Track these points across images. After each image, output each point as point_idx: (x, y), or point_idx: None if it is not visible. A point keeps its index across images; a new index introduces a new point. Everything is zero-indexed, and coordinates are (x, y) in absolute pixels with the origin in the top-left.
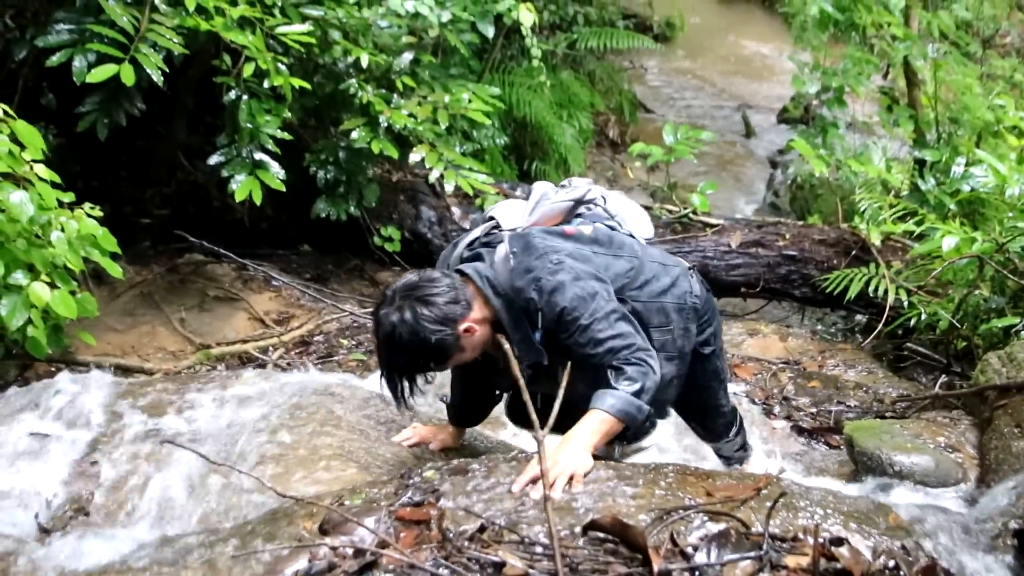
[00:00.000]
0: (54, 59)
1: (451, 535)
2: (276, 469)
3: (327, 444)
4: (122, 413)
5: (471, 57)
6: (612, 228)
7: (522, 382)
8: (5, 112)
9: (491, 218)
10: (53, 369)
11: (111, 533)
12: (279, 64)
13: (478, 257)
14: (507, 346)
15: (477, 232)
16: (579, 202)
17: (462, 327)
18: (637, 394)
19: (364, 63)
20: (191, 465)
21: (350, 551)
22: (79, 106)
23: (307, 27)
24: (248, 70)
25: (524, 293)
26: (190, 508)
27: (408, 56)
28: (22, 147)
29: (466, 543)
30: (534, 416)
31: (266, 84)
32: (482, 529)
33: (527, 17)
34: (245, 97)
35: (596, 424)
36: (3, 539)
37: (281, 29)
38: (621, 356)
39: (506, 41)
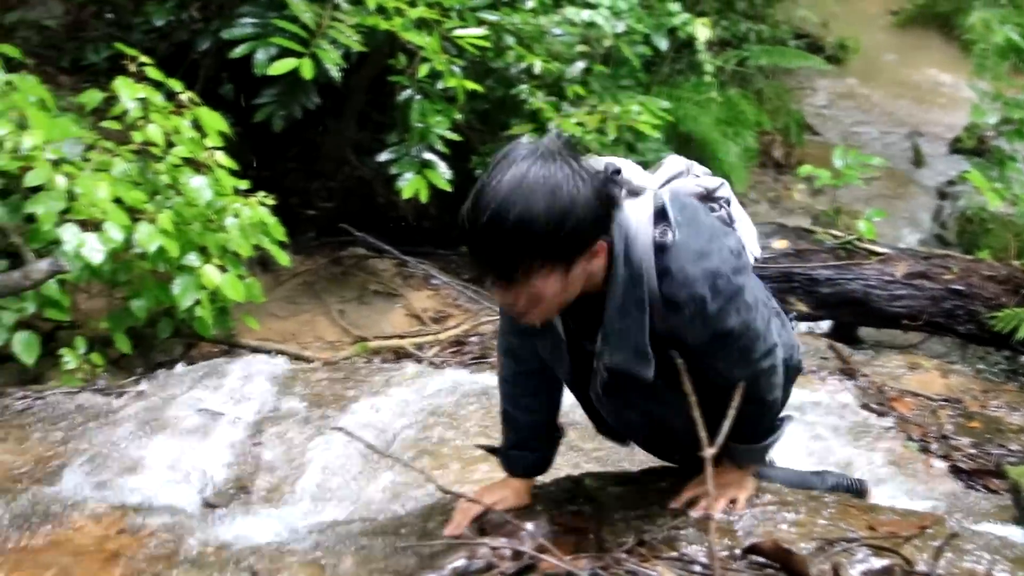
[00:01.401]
0: (238, 51)
1: (609, 546)
2: (432, 464)
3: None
4: (285, 398)
5: (640, 69)
6: None
7: (693, 397)
8: (191, 99)
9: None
10: (216, 350)
11: (271, 513)
12: (453, 66)
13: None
14: (680, 361)
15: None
16: (707, 196)
17: (598, 243)
18: (767, 433)
19: (537, 69)
20: (350, 454)
21: (508, 552)
22: (256, 97)
23: (483, 31)
24: (423, 71)
25: (692, 288)
26: (348, 496)
27: (580, 65)
28: (203, 134)
29: (624, 555)
30: (703, 433)
31: (439, 85)
32: (641, 543)
33: (702, 32)
34: (418, 97)
35: (747, 465)
36: (172, 512)
37: (458, 32)
38: (762, 376)
39: (675, 55)
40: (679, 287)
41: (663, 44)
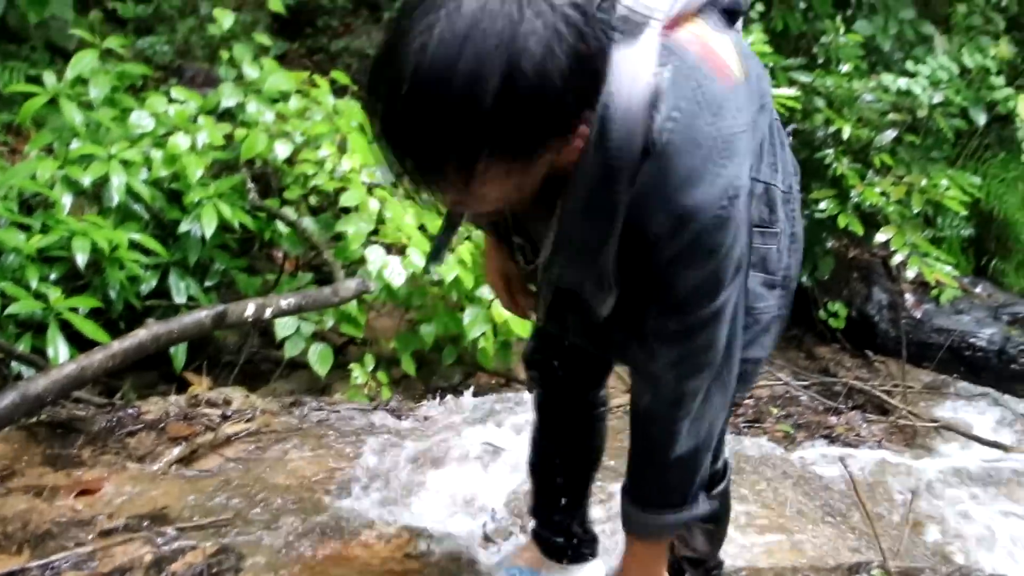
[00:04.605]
0: None
1: None
2: None
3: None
4: None
5: (951, 141)
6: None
7: None
8: None
9: None
10: (493, 382)
11: None
12: None
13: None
14: None
15: None
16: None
17: (578, 124)
18: (665, 501)
19: (845, 135)
20: None
21: None
22: None
23: (794, 91)
24: None
25: (650, 220)
26: None
27: (891, 133)
28: None
29: None
30: None
31: None
32: None
33: None
34: None
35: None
36: (454, 539)
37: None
38: (680, 414)
39: (985, 129)
40: (638, 210)
41: (981, 118)
